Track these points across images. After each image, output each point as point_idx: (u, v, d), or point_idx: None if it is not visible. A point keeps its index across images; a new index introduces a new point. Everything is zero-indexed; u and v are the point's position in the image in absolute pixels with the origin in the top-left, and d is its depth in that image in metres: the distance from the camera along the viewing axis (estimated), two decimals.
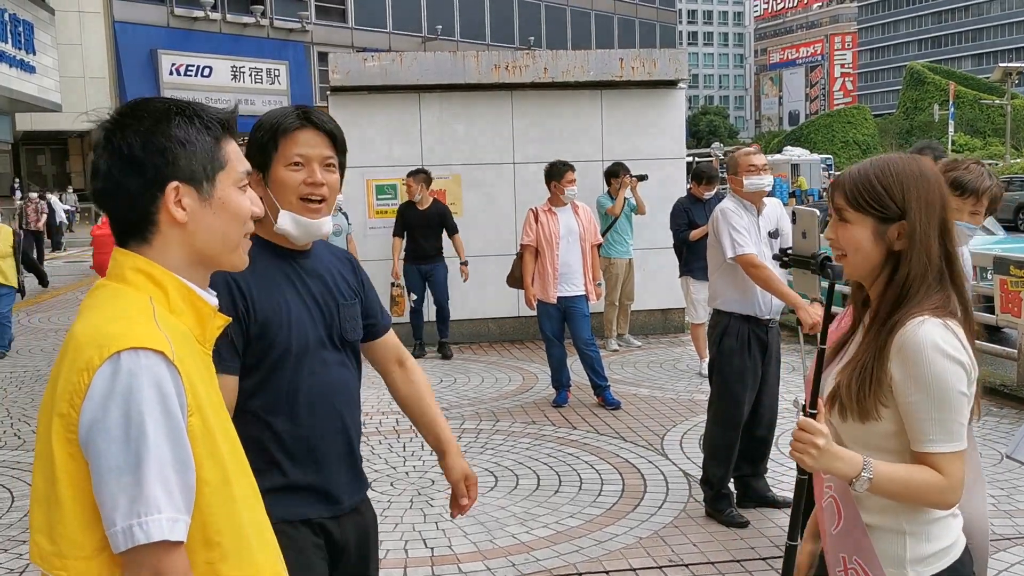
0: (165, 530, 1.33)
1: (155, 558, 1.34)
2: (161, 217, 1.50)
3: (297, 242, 2.19)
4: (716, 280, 4.81)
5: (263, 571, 1.53)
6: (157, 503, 1.33)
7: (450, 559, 4.32)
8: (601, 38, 47.24)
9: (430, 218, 8.82)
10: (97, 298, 1.50)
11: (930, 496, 1.79)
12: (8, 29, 22.79)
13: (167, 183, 1.49)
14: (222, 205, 1.54)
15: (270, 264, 2.15)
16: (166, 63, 32.58)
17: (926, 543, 1.85)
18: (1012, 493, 5.00)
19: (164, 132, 1.50)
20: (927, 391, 1.76)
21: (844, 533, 1.90)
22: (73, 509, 1.36)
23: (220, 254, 1.57)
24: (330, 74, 9.44)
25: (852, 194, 1.86)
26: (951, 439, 1.78)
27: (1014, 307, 6.95)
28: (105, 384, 1.34)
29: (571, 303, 7.03)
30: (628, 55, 9.87)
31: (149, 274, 1.49)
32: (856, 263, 1.87)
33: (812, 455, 1.76)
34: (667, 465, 5.62)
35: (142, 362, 1.35)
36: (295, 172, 2.16)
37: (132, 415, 1.33)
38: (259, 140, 2.17)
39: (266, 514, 1.62)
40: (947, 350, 1.77)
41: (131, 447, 1.33)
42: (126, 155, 1.48)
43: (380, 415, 6.95)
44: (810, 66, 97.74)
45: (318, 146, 2.18)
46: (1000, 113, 47.61)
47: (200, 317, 1.54)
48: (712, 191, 8.07)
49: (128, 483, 1.32)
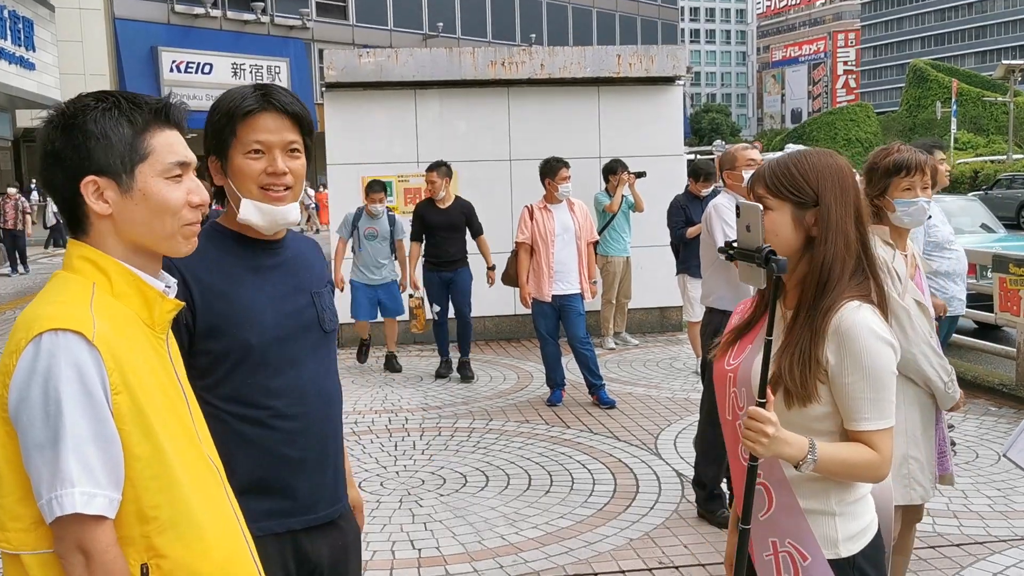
0: (78, 503, 1.40)
1: (78, 531, 1.41)
2: (88, 209, 1.55)
3: (264, 232, 2.01)
4: (709, 277, 4.75)
5: (213, 548, 1.56)
6: (71, 478, 1.39)
7: (437, 560, 4.26)
8: (603, 36, 47.07)
9: (454, 217, 7.89)
10: (48, 286, 1.57)
11: (867, 472, 1.90)
12: (8, 26, 22.73)
13: (83, 177, 1.54)
14: (143, 197, 1.57)
15: (233, 256, 2.01)
16: (166, 60, 32.49)
17: (852, 521, 1.96)
18: (1008, 494, 4.93)
19: (80, 126, 1.54)
20: (863, 373, 1.87)
21: (775, 518, 1.98)
22: (11, 483, 1.44)
23: (154, 243, 1.60)
24: (326, 70, 9.40)
25: (771, 181, 1.98)
26: (883, 417, 1.89)
27: (1013, 305, 6.88)
28: (28, 364, 1.42)
29: (566, 301, 6.97)
30: (625, 51, 9.81)
31: (93, 261, 1.55)
32: (776, 247, 1.93)
33: (763, 443, 1.83)
34: (660, 465, 5.56)
35: (60, 343, 1.42)
36: (254, 161, 1.97)
37: (50, 393, 1.40)
38: (215, 125, 1.99)
39: (231, 495, 1.65)
40: (881, 333, 1.89)
41: (50, 424, 1.40)
42: (49, 151, 1.55)
43: (372, 414, 6.90)
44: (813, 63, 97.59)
45: (279, 131, 1.97)
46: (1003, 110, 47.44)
47: (146, 300, 1.58)
48: (709, 188, 7.99)
49: (49, 458, 1.40)
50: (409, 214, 9.57)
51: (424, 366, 8.57)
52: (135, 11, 32.39)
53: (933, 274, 5.30)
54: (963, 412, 6.46)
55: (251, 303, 1.98)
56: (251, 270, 2.02)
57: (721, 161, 4.87)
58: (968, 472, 5.27)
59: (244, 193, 1.98)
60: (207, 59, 33.49)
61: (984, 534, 4.44)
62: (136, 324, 1.56)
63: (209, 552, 1.55)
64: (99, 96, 1.57)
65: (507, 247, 7.86)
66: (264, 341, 1.97)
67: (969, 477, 5.18)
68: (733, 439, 2.05)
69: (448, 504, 4.98)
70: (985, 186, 28.81)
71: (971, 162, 34.95)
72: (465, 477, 5.43)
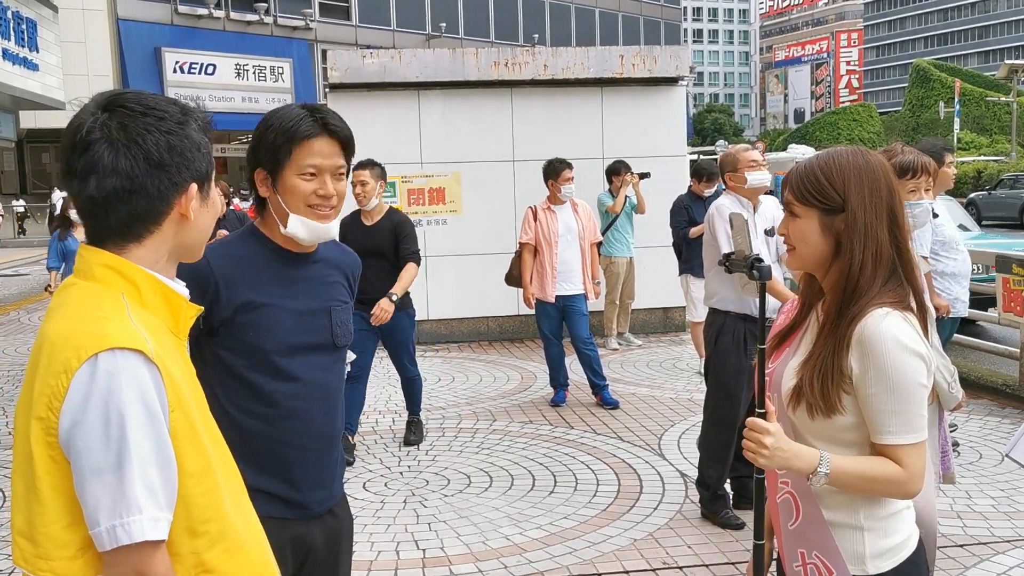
0: (147, 530, 1.35)
1: (137, 558, 1.36)
2: (169, 216, 1.53)
3: (304, 244, 2.15)
4: (712, 278, 4.76)
5: (252, 556, 1.56)
6: (139, 503, 1.34)
7: (441, 561, 4.28)
8: (605, 36, 47.06)
9: (380, 239, 5.73)
10: (67, 297, 1.48)
11: (891, 488, 1.81)
12: (11, 27, 22.78)
13: (188, 184, 1.53)
14: (212, 203, 1.61)
15: (265, 264, 2.13)
16: (170, 61, 32.55)
17: (884, 538, 1.87)
18: (1012, 494, 4.94)
19: (186, 134, 1.53)
20: (887, 384, 1.78)
21: (802, 529, 1.91)
22: (56, 510, 1.37)
23: (197, 249, 1.63)
24: (329, 71, 9.41)
25: (798, 188, 1.90)
26: (911, 431, 1.79)
27: (1016, 306, 6.88)
28: (84, 386, 1.35)
29: (569, 302, 6.98)
30: (628, 52, 9.82)
31: (119, 270, 1.48)
32: (805, 255, 1.90)
33: (764, 454, 1.78)
34: (664, 465, 5.57)
35: (120, 362, 1.36)
36: (307, 182, 2.10)
37: (112, 416, 1.34)
38: (271, 143, 2.10)
39: (251, 501, 1.66)
40: (907, 343, 1.79)
41: (112, 447, 1.34)
42: (154, 158, 1.49)
43: (377, 414, 6.91)
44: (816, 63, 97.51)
45: (331, 156, 2.12)
46: (1006, 110, 47.38)
47: (172, 308, 1.55)
48: (712, 188, 8.00)
49: (111, 483, 1.34)
50: (413, 215, 9.61)
51: (427, 367, 8.58)
52: (138, 12, 32.44)
53: (939, 274, 5.29)
54: (967, 412, 6.46)
55: (274, 313, 2.09)
56: (280, 281, 2.13)
57: (722, 163, 4.84)
58: (972, 472, 5.27)
59: (292, 209, 2.10)
60: (210, 60, 33.54)
61: (988, 534, 4.44)
62: (166, 333, 1.53)
63: (248, 560, 1.56)
64: (179, 104, 1.57)
65: (510, 248, 7.88)
66: (279, 350, 2.08)
67: (973, 477, 5.19)
68: None
69: (452, 504, 5.00)
70: (988, 186, 28.79)
71: (974, 162, 34.90)
72: (469, 477, 5.45)
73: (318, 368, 2.15)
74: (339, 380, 2.24)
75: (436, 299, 9.61)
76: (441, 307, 9.65)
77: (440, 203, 9.64)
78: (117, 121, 1.48)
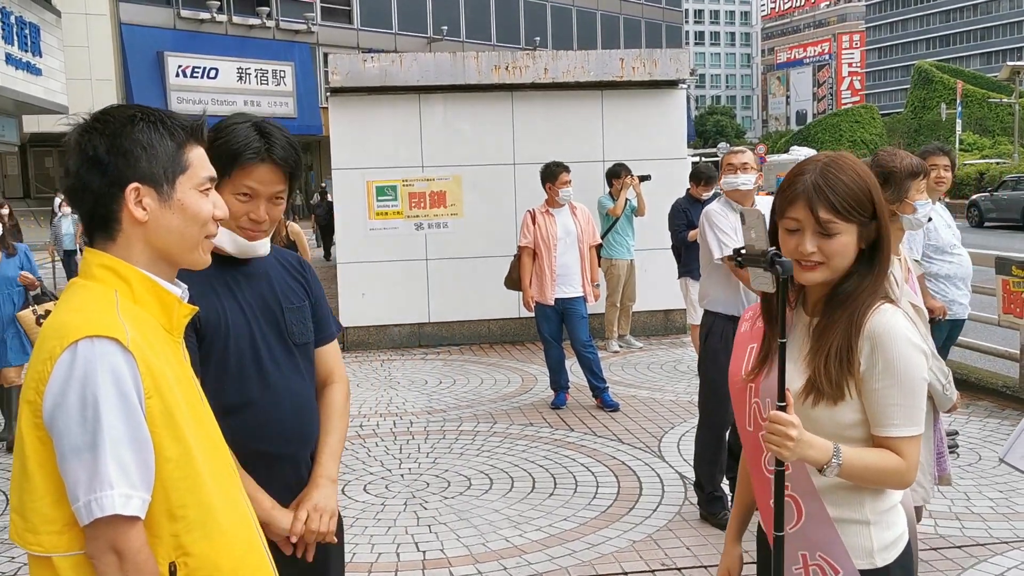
0: (117, 505, 1.44)
1: (112, 532, 1.46)
2: (123, 215, 1.61)
3: (234, 255, 2.15)
4: (705, 280, 4.79)
5: (234, 543, 1.63)
6: (111, 480, 1.44)
7: (441, 563, 4.30)
8: (607, 38, 47.09)
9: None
10: (68, 294, 1.62)
11: (892, 478, 1.86)
12: (15, 31, 22.83)
13: (128, 183, 1.60)
14: (181, 206, 1.65)
15: (209, 270, 2.08)
16: (172, 65, 32.59)
17: (887, 530, 1.93)
18: (1010, 496, 4.95)
19: (128, 136, 1.61)
20: (897, 379, 1.83)
21: (804, 530, 1.92)
22: (43, 487, 1.49)
23: (179, 252, 1.67)
24: (330, 75, 9.45)
25: (841, 206, 1.85)
26: (913, 424, 1.85)
27: (1016, 308, 6.89)
28: (64, 371, 1.46)
29: (569, 304, 7.00)
30: (629, 55, 9.84)
31: (114, 269, 1.60)
32: (838, 268, 1.89)
33: (788, 447, 1.79)
34: (663, 467, 5.59)
35: (97, 350, 1.47)
36: (241, 203, 2.11)
37: (88, 398, 1.45)
38: (215, 156, 2.04)
39: (244, 492, 1.73)
40: (915, 340, 1.85)
41: (88, 428, 1.44)
42: (91, 156, 1.59)
43: (377, 417, 6.93)
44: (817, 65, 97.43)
45: (271, 183, 2.12)
46: (1008, 112, 47.39)
47: (165, 307, 1.64)
48: (711, 191, 8.02)
49: (86, 461, 1.44)
50: (414, 218, 9.65)
51: (428, 370, 8.60)
52: (141, 16, 32.50)
53: (933, 276, 5.32)
54: (966, 414, 6.48)
55: (226, 315, 2.09)
56: (224, 284, 2.13)
57: (720, 166, 4.89)
58: (971, 474, 5.29)
59: (223, 223, 2.07)
60: (213, 64, 33.58)
61: (986, 536, 4.45)
62: (157, 329, 1.62)
63: (230, 547, 1.62)
64: (140, 110, 1.64)
65: (511, 251, 7.90)
66: (238, 348, 2.09)
67: (971, 479, 5.20)
68: (755, 450, 2.00)
69: (452, 507, 5.02)
70: (990, 187, 28.78)
71: (976, 163, 34.87)
72: (469, 480, 5.47)
73: (283, 368, 2.16)
74: (306, 380, 2.23)
75: (437, 301, 9.64)
76: (442, 309, 9.68)
77: (441, 206, 9.66)
78: (81, 128, 1.62)
